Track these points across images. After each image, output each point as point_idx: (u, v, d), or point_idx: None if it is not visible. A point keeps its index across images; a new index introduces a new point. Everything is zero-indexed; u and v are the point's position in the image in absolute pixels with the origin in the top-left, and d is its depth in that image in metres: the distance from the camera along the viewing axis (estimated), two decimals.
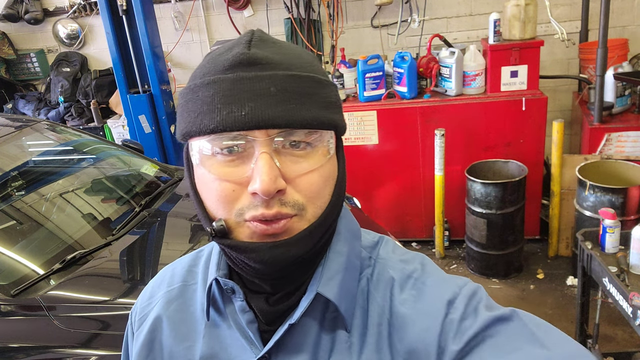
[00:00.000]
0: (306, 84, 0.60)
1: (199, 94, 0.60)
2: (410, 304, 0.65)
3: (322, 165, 0.62)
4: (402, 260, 0.71)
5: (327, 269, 0.66)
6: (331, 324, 0.66)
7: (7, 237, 2.17)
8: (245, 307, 0.67)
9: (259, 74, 0.58)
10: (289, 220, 0.60)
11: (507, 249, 3.33)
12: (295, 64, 0.61)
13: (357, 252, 0.71)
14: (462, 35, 4.17)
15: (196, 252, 0.81)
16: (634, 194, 2.85)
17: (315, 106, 0.60)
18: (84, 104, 4.75)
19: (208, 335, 0.71)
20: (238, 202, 0.60)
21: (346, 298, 0.66)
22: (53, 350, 1.75)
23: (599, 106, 3.21)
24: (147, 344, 0.75)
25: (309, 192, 0.61)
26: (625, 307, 1.87)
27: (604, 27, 2.98)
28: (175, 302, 0.76)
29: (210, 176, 0.61)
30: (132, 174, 2.79)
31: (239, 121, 0.57)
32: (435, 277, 0.68)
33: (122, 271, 2.12)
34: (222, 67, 0.59)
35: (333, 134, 0.64)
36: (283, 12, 4.34)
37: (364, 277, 0.69)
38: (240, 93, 0.57)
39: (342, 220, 0.71)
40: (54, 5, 4.84)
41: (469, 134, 3.44)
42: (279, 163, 0.59)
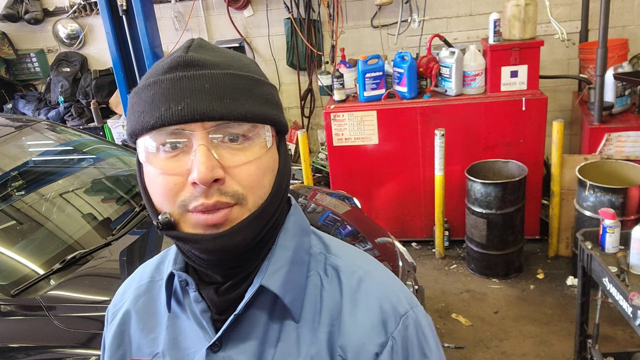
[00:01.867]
0: (242, 81, 0.64)
1: (142, 95, 0.64)
2: (354, 315, 0.70)
3: (260, 157, 0.65)
4: (354, 259, 0.76)
5: (272, 262, 0.69)
6: (280, 316, 0.70)
7: (7, 237, 2.17)
8: (198, 298, 0.71)
9: (196, 72, 0.62)
10: (229, 210, 0.63)
11: (507, 249, 3.32)
12: (233, 65, 0.65)
13: (307, 247, 0.74)
14: (462, 35, 4.17)
15: (165, 251, 0.85)
16: (634, 194, 2.85)
17: (251, 101, 0.64)
18: (84, 104, 4.75)
19: (171, 326, 0.76)
20: (180, 194, 0.63)
21: (292, 290, 0.70)
22: (53, 350, 1.75)
23: (599, 106, 3.21)
24: (118, 336, 0.81)
25: (247, 182, 0.64)
26: (625, 307, 1.87)
27: (604, 27, 2.98)
28: (143, 297, 0.81)
29: (155, 171, 0.65)
30: (132, 174, 2.79)
31: (176, 115, 0.61)
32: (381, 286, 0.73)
33: (122, 271, 2.12)
34: (162, 70, 0.64)
35: (270, 128, 0.67)
36: (283, 12, 4.34)
37: (316, 272, 0.73)
38: (177, 91, 0.61)
39: (291, 217, 0.74)
40: (54, 5, 4.84)
41: (469, 134, 3.44)
42: (217, 155, 0.62)
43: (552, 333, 2.88)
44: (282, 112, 0.71)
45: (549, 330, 2.90)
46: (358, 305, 0.71)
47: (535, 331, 2.90)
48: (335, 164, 3.70)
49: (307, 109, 4.70)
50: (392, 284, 0.75)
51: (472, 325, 3.01)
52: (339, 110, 3.55)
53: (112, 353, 0.81)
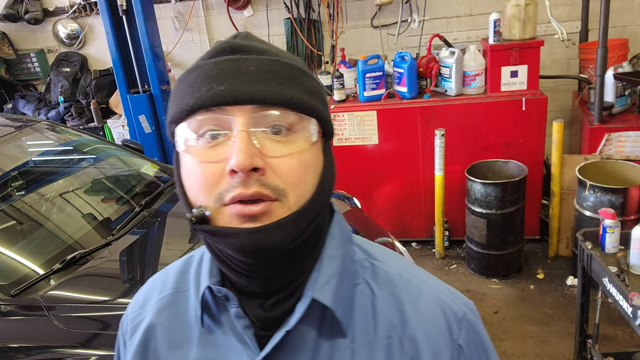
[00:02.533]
0: (288, 68, 0.61)
1: (184, 80, 0.62)
2: (422, 321, 0.67)
3: (302, 151, 0.61)
4: (401, 266, 0.72)
5: (322, 274, 0.65)
6: (330, 330, 0.66)
7: (7, 237, 2.17)
8: (241, 313, 0.66)
9: (241, 56, 0.60)
10: (269, 203, 0.59)
11: (507, 249, 3.32)
12: (280, 54, 0.63)
13: (351, 255, 0.70)
14: (462, 35, 4.17)
15: (187, 258, 0.80)
16: (634, 194, 2.85)
17: (297, 89, 0.61)
18: (84, 104, 4.75)
19: (202, 342, 0.70)
20: (217, 186, 0.59)
21: (342, 303, 0.65)
22: (53, 350, 1.75)
23: (599, 106, 3.21)
24: (141, 352, 0.75)
25: (289, 177, 0.59)
26: (625, 307, 1.86)
27: (604, 27, 2.98)
28: (167, 309, 0.75)
29: (193, 161, 0.61)
30: (132, 174, 2.79)
31: (218, 96, 0.58)
32: (436, 290, 0.70)
33: (122, 271, 2.12)
34: (207, 55, 0.62)
35: (316, 122, 0.63)
36: (283, 12, 4.34)
37: (363, 280, 0.69)
38: (221, 72, 0.59)
39: (335, 225, 0.70)
40: (54, 5, 4.84)
41: (469, 134, 3.44)
42: (258, 144, 0.59)
43: (552, 333, 2.88)
44: (328, 110, 0.67)
45: (549, 330, 2.90)
46: (423, 315, 0.67)
47: (535, 331, 2.90)
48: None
49: None
50: (442, 286, 0.72)
51: None
52: (339, 110, 3.55)
53: None
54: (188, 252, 0.82)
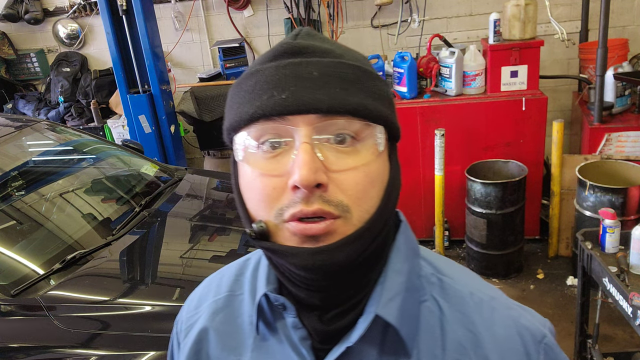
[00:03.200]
0: (353, 71, 0.57)
1: (243, 86, 0.58)
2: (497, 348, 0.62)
3: (369, 163, 0.57)
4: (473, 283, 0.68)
5: (386, 289, 0.61)
6: (392, 349, 0.61)
7: (7, 237, 2.17)
8: (298, 324, 0.63)
9: (303, 60, 0.56)
10: (332, 221, 0.55)
11: (507, 249, 3.32)
12: (344, 55, 0.59)
13: (417, 270, 0.66)
14: (462, 35, 4.17)
15: (243, 260, 0.78)
16: (634, 194, 2.85)
17: (362, 94, 0.57)
18: (84, 104, 4.75)
19: (257, 349, 0.68)
20: (278, 201, 0.56)
21: (408, 321, 0.61)
22: (53, 350, 1.75)
23: (599, 106, 3.21)
24: (193, 355, 0.73)
25: (353, 192, 0.56)
26: (625, 307, 1.86)
27: (604, 27, 2.98)
28: (221, 312, 0.73)
29: (252, 173, 0.58)
30: (132, 174, 2.79)
31: (279, 104, 0.54)
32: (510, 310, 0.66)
33: (122, 271, 2.12)
34: (267, 58, 0.58)
35: (383, 130, 0.59)
36: (283, 12, 4.34)
37: (431, 297, 0.65)
38: (282, 78, 0.55)
39: (401, 236, 0.66)
40: (54, 5, 4.84)
41: (469, 134, 3.44)
42: (322, 157, 0.55)
43: None
44: (395, 114, 0.62)
45: None
46: (498, 337, 0.62)
47: None
48: None
49: None
50: (519, 307, 0.67)
51: None
52: None
53: None
54: (188, 252, 0.81)
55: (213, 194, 2.85)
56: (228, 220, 2.50)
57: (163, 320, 1.78)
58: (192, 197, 2.70)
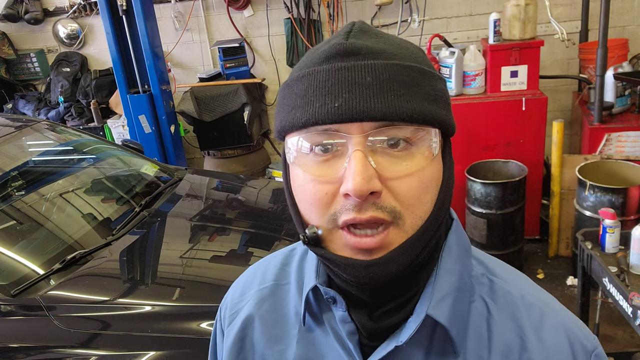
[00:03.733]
0: (408, 73, 0.56)
1: (294, 88, 0.58)
2: (544, 350, 0.61)
3: (423, 168, 0.56)
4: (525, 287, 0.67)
5: (437, 289, 0.60)
6: (440, 349, 0.61)
7: (7, 237, 2.17)
8: (347, 318, 0.63)
9: (356, 63, 0.55)
10: (385, 233, 0.55)
11: (507, 249, 3.32)
12: (398, 54, 0.57)
13: (469, 270, 0.65)
14: (462, 35, 4.17)
15: (289, 250, 0.78)
16: (634, 194, 2.85)
17: (418, 98, 0.55)
18: (84, 104, 4.75)
19: (302, 339, 0.68)
20: (331, 206, 0.56)
21: (458, 322, 0.61)
22: (53, 350, 1.75)
23: (599, 106, 3.21)
24: (238, 342, 0.73)
25: (407, 197, 0.55)
26: (625, 307, 1.86)
27: (604, 27, 2.98)
28: (267, 301, 0.74)
29: (304, 177, 0.57)
30: (132, 174, 2.79)
31: (332, 113, 0.53)
32: (562, 317, 0.65)
33: (122, 271, 2.12)
34: (319, 59, 0.57)
35: (438, 132, 0.58)
36: (283, 12, 4.34)
37: (480, 297, 0.64)
38: (335, 84, 0.54)
39: (453, 235, 0.65)
40: (54, 5, 4.84)
41: (469, 134, 3.44)
42: (375, 163, 0.54)
43: None
44: (451, 112, 0.61)
45: None
46: (546, 343, 0.61)
47: None
48: None
49: None
50: (570, 315, 0.66)
51: None
52: None
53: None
54: (188, 252, 0.81)
55: (213, 194, 2.85)
56: (228, 220, 2.50)
57: (163, 320, 1.77)
58: (192, 197, 2.70)
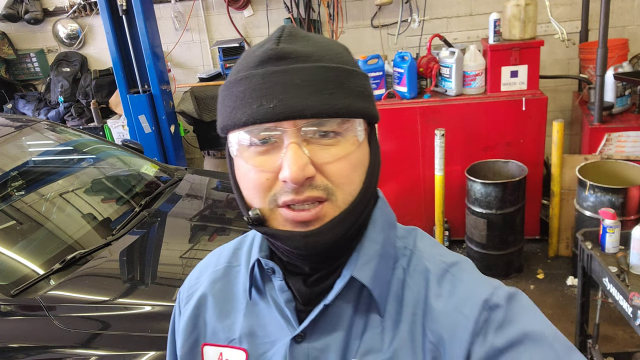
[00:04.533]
0: (335, 74, 0.62)
1: (233, 90, 0.64)
2: (445, 298, 0.68)
3: (351, 153, 0.64)
4: (440, 254, 0.73)
5: (362, 255, 0.68)
6: (365, 308, 0.69)
7: (7, 237, 2.17)
8: (284, 287, 0.70)
9: (288, 67, 0.61)
10: (320, 207, 0.62)
11: (507, 249, 3.32)
12: (325, 56, 0.63)
13: (392, 241, 0.73)
14: (462, 35, 4.17)
15: (242, 237, 0.85)
16: (634, 194, 2.85)
17: (344, 96, 0.62)
18: (84, 104, 4.75)
19: (249, 313, 0.75)
20: (271, 189, 0.63)
21: (380, 284, 0.69)
22: (53, 350, 1.75)
23: (599, 106, 3.21)
24: (193, 319, 0.80)
25: (337, 177, 0.63)
26: (625, 307, 1.87)
27: (604, 27, 2.98)
28: (220, 281, 0.81)
29: (247, 166, 0.64)
30: (132, 174, 2.79)
31: (269, 113, 0.60)
32: (471, 275, 0.71)
33: (122, 271, 2.12)
34: (253, 63, 0.63)
35: (362, 122, 0.66)
36: (283, 12, 4.34)
37: (400, 266, 0.72)
38: (269, 86, 0.60)
39: (379, 210, 0.73)
40: (53, 5, 4.84)
41: (469, 134, 3.44)
42: (308, 151, 0.61)
43: None
44: (374, 103, 0.68)
45: None
46: (445, 290, 0.68)
47: None
48: None
49: None
50: (476, 271, 0.72)
51: None
52: None
53: (187, 337, 0.80)
54: (188, 252, 0.84)
55: (213, 194, 2.85)
56: (228, 220, 2.50)
57: (163, 320, 1.78)
58: (192, 197, 2.70)
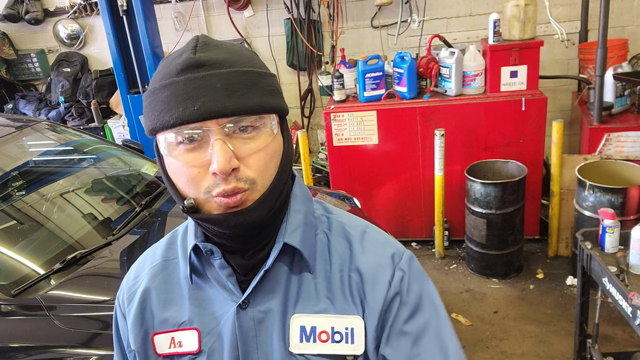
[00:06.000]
0: (248, 76, 0.71)
1: (159, 95, 0.71)
2: (366, 255, 0.82)
3: (268, 144, 0.73)
4: (353, 218, 0.89)
5: (289, 224, 0.80)
6: (298, 269, 0.81)
7: (7, 237, 2.17)
8: (224, 264, 0.80)
9: (206, 73, 0.69)
10: (244, 193, 0.72)
11: (507, 249, 3.33)
12: (237, 61, 0.72)
13: (311, 211, 0.85)
14: (462, 36, 4.17)
15: (172, 232, 0.93)
16: (633, 194, 2.85)
17: (258, 95, 0.72)
18: (85, 104, 4.75)
19: (193, 296, 0.83)
20: (204, 181, 0.71)
21: (308, 246, 0.81)
22: (53, 350, 1.76)
23: (599, 106, 3.21)
24: (139, 315, 0.86)
25: (257, 167, 0.72)
26: (625, 307, 1.87)
27: (603, 27, 2.98)
28: (160, 274, 0.88)
29: (178, 163, 0.72)
30: (133, 174, 2.80)
31: (194, 114, 0.68)
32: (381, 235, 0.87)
33: (122, 271, 2.12)
34: (175, 71, 0.70)
35: (275, 116, 0.75)
36: (283, 12, 4.35)
37: (321, 231, 0.85)
38: (191, 91, 0.68)
39: (297, 187, 0.85)
40: (54, 6, 4.84)
41: (468, 134, 3.44)
42: (232, 146, 0.70)
43: (551, 333, 2.88)
44: (283, 99, 0.78)
45: (548, 330, 2.90)
46: (366, 248, 0.83)
47: (535, 331, 2.91)
48: (335, 164, 3.70)
49: (307, 109, 4.71)
50: (385, 233, 0.88)
51: (471, 325, 3.01)
52: (339, 110, 3.55)
53: (137, 332, 0.85)
54: None
55: None
56: None
57: None
58: None
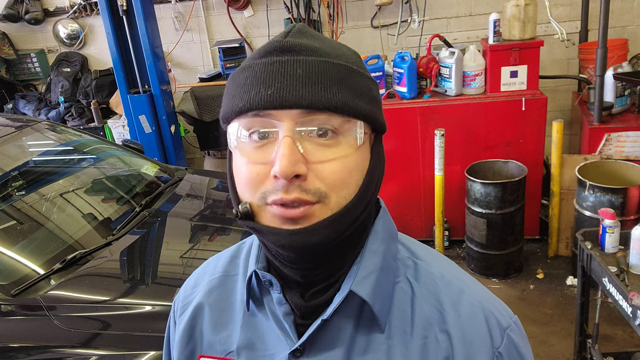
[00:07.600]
0: (336, 70, 0.61)
1: (236, 79, 0.64)
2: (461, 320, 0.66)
3: (348, 155, 0.61)
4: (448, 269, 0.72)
5: (362, 267, 0.66)
6: (367, 324, 0.67)
7: (7, 237, 2.17)
8: (282, 300, 0.68)
9: (290, 58, 0.60)
10: (309, 206, 0.60)
11: (507, 249, 3.33)
12: (330, 53, 0.62)
13: (394, 252, 0.71)
14: (462, 36, 4.17)
15: (239, 244, 0.83)
16: (633, 194, 2.85)
17: (343, 92, 0.60)
18: (84, 104, 4.75)
19: (246, 324, 0.73)
20: (262, 185, 0.61)
21: (380, 298, 0.66)
22: (53, 350, 1.75)
23: (599, 106, 3.21)
24: (188, 330, 0.78)
25: (331, 180, 0.60)
26: (625, 307, 1.87)
27: (603, 27, 2.98)
28: (216, 291, 0.79)
29: (242, 159, 0.63)
30: (132, 174, 2.80)
31: (264, 100, 0.59)
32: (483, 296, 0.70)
33: (122, 271, 2.12)
34: (259, 54, 0.63)
35: (363, 124, 0.63)
36: (283, 12, 4.35)
37: (404, 278, 0.70)
38: (269, 74, 0.60)
39: (380, 220, 0.71)
40: (54, 6, 4.84)
41: (468, 134, 3.44)
42: (302, 149, 0.59)
43: (551, 333, 2.88)
44: (380, 109, 0.67)
45: (548, 330, 2.90)
46: (462, 316, 0.67)
47: (535, 331, 2.91)
48: None
49: None
50: (489, 295, 0.71)
51: None
52: None
53: (182, 348, 0.77)
54: (188, 252, 0.84)
55: (213, 194, 2.85)
56: (228, 220, 2.51)
57: (163, 320, 1.77)
58: (192, 197, 2.70)
